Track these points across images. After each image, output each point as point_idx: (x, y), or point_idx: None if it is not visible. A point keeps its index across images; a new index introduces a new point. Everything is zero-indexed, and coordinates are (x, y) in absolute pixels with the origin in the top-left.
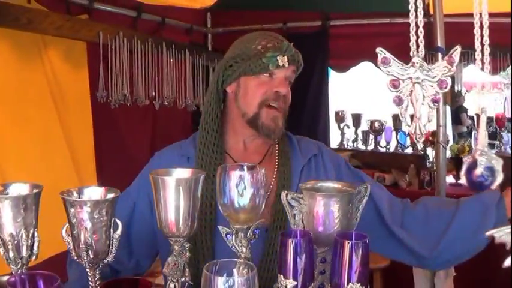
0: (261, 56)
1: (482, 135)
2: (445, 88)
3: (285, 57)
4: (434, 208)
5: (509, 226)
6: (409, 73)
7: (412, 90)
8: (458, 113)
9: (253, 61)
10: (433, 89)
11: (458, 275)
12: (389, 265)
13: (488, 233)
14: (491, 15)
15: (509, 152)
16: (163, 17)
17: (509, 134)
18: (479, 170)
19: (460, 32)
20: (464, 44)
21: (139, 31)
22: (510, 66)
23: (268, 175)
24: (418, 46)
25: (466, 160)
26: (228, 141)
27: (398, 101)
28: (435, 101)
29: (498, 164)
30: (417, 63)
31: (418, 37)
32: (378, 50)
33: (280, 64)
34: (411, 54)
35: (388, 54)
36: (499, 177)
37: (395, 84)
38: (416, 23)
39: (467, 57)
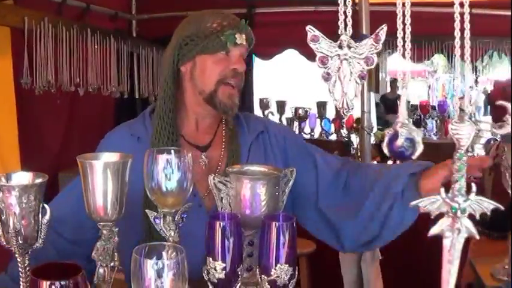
0: (218, 34)
1: (403, 108)
2: (371, 64)
3: (243, 35)
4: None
5: (434, 196)
6: (337, 50)
7: (339, 67)
8: (397, 102)
9: (211, 39)
10: (360, 66)
11: (384, 259)
12: (315, 250)
13: (413, 203)
14: (416, 4)
15: (434, 138)
16: (88, 3)
17: (433, 121)
18: (400, 141)
19: (385, 21)
20: (389, 33)
21: (64, 17)
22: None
23: (218, 155)
24: (346, 25)
25: (388, 132)
26: (180, 121)
27: (327, 77)
28: (362, 77)
29: (418, 136)
30: (345, 41)
31: (346, 16)
32: (308, 27)
33: (238, 42)
34: (339, 32)
35: (317, 32)
36: (419, 148)
37: (323, 61)
38: (344, 2)
39: (392, 45)
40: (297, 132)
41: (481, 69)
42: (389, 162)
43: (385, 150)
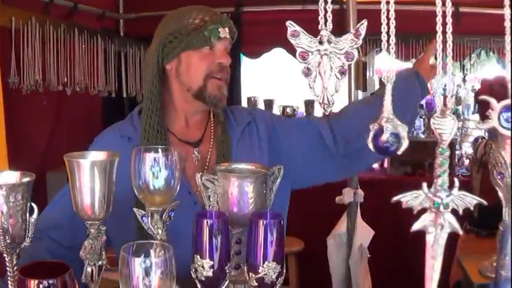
0: (201, 30)
1: (388, 103)
2: (351, 60)
3: (226, 29)
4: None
5: (415, 191)
6: (317, 45)
7: (320, 62)
8: None
9: (194, 35)
10: (340, 61)
11: (373, 257)
12: (303, 249)
13: (395, 199)
14: (404, 3)
15: (422, 136)
16: (75, 2)
17: (421, 120)
18: (385, 136)
19: (372, 19)
20: (377, 31)
21: (52, 16)
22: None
23: (207, 149)
24: (326, 20)
25: (373, 127)
26: (169, 119)
27: (307, 72)
28: (342, 73)
29: (403, 131)
30: (325, 36)
31: (326, 12)
32: (288, 23)
33: (222, 36)
34: (319, 28)
35: (297, 27)
36: (405, 143)
37: (304, 56)
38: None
39: (380, 44)
40: None
41: (468, 67)
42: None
43: (370, 146)
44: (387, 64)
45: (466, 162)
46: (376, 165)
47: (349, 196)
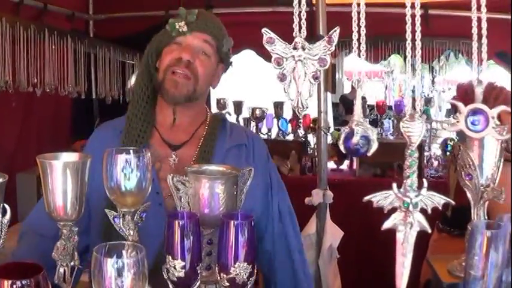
0: (167, 26)
1: (358, 107)
2: (325, 65)
3: (183, 23)
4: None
5: (386, 191)
6: (291, 52)
7: (294, 68)
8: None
9: (162, 32)
10: (314, 67)
11: (342, 258)
12: None
13: (366, 198)
14: (372, 5)
15: (390, 138)
16: (45, 3)
17: (390, 121)
18: (355, 139)
19: (341, 22)
20: (346, 33)
21: (22, 17)
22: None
23: (191, 155)
24: (300, 27)
25: (344, 130)
26: (157, 117)
27: (282, 77)
28: (315, 78)
29: (373, 134)
30: (299, 42)
31: (300, 19)
32: (264, 30)
33: (181, 30)
34: (294, 35)
35: (272, 34)
36: (374, 145)
37: (279, 62)
38: (299, 4)
39: (349, 46)
40: (254, 131)
41: (437, 69)
42: (346, 161)
43: (341, 148)
44: (357, 67)
45: (435, 163)
46: (345, 167)
47: (318, 197)
